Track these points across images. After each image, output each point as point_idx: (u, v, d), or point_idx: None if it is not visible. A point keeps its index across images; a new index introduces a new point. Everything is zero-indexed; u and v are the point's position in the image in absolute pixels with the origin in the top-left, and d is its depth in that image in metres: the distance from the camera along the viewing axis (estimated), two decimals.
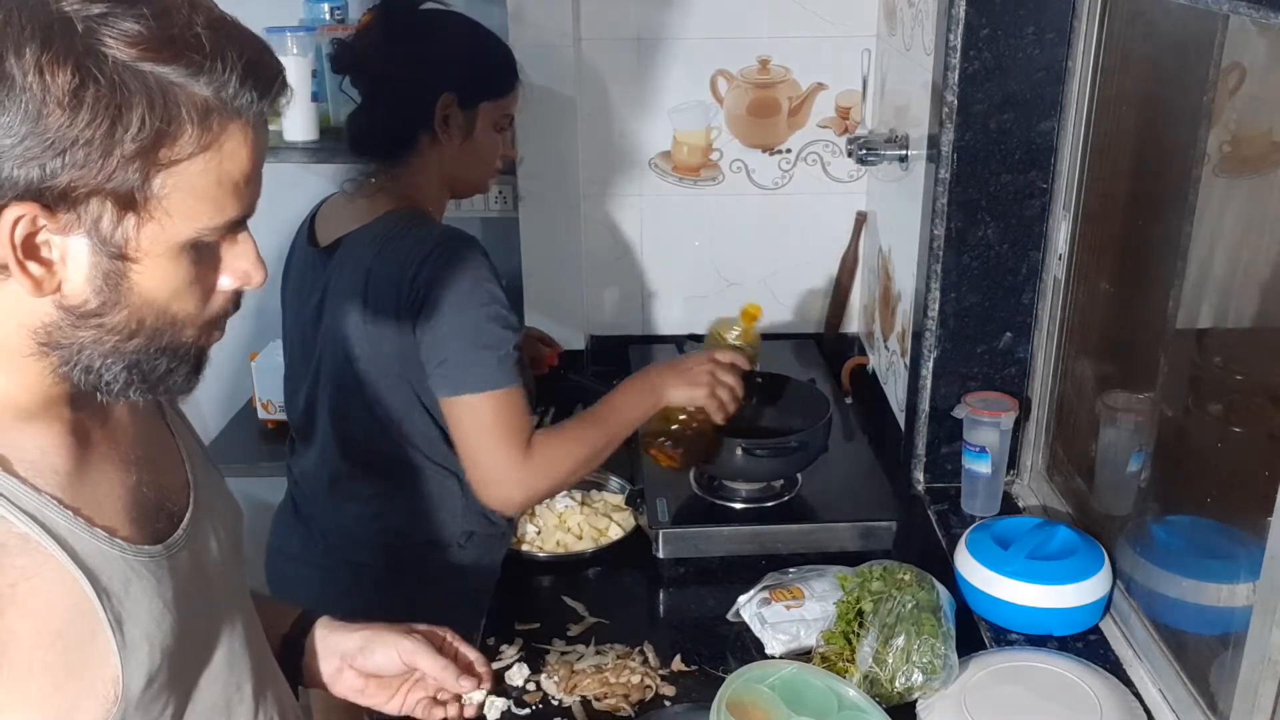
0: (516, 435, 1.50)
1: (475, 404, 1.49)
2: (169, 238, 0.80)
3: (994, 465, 1.70)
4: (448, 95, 1.56)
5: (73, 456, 0.86)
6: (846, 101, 2.24)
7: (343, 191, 1.64)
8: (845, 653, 1.38)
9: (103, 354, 0.82)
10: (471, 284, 1.48)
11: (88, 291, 0.80)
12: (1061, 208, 1.66)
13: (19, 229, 0.75)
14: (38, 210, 0.75)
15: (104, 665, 0.83)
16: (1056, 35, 1.59)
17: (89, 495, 0.86)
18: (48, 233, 0.77)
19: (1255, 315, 1.32)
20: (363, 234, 1.56)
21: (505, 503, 1.56)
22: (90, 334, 0.81)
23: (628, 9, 2.17)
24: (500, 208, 2.33)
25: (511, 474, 1.50)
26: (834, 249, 2.33)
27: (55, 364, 0.83)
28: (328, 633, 1.17)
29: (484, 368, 1.48)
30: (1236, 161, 1.30)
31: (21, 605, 0.79)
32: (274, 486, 2.58)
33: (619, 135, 2.25)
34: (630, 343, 2.36)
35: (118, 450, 0.91)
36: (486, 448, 1.50)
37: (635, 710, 1.38)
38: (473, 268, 1.49)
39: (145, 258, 0.80)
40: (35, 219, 0.76)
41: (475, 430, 1.50)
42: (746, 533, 1.70)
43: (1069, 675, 1.34)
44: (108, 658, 0.83)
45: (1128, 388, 1.57)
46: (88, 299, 0.80)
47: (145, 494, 0.91)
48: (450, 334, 1.48)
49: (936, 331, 1.75)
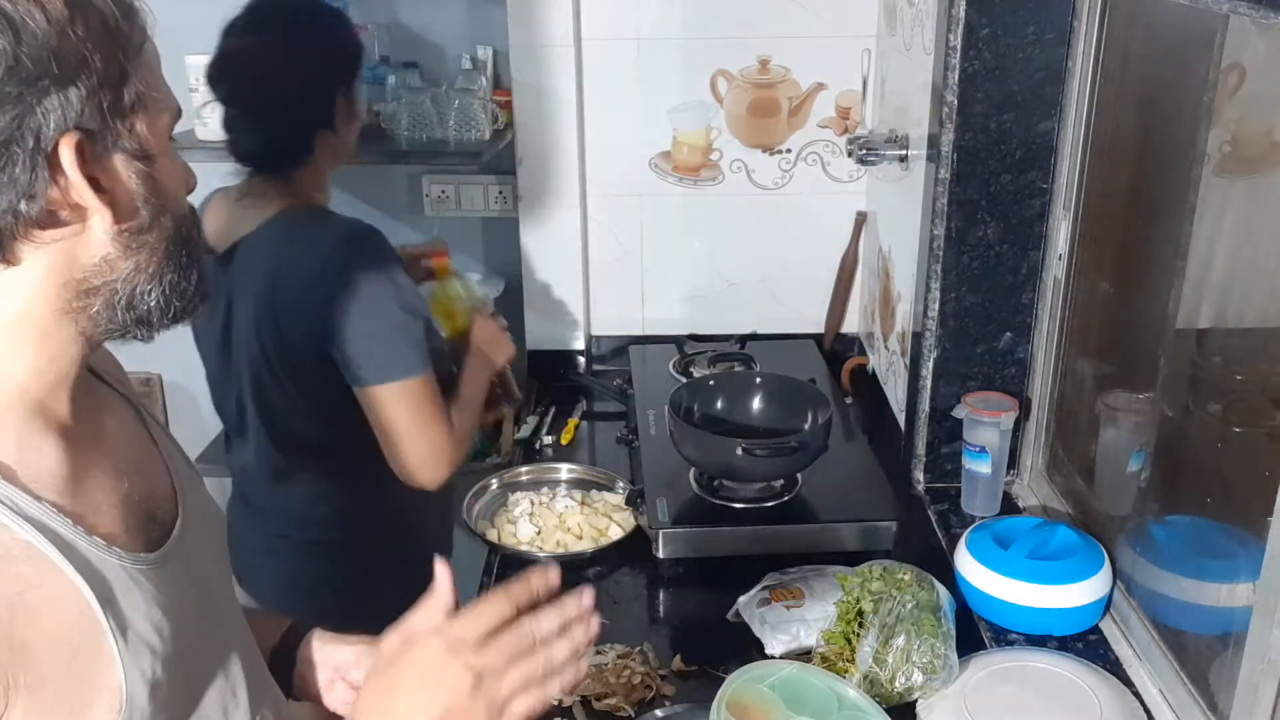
0: (442, 416, 1.56)
1: (399, 392, 1.53)
2: (162, 125, 0.83)
3: (994, 465, 1.70)
4: (342, 89, 1.58)
5: (69, 463, 0.85)
6: (846, 101, 2.24)
7: (225, 194, 1.64)
8: (845, 653, 1.38)
9: (147, 278, 0.84)
10: (380, 275, 1.51)
11: (137, 202, 0.82)
12: (1061, 208, 1.66)
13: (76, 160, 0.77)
14: (82, 136, 0.77)
15: (108, 674, 0.83)
16: (1056, 35, 1.59)
17: (87, 502, 0.85)
18: (94, 158, 0.78)
19: (1255, 315, 1.32)
20: (260, 236, 1.57)
21: (435, 481, 1.61)
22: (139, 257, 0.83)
23: (628, 9, 2.17)
24: (500, 208, 2.33)
25: (442, 454, 1.57)
26: (834, 249, 2.33)
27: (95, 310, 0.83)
28: (321, 644, 1.16)
29: (402, 357, 1.52)
30: (1236, 161, 1.30)
31: (31, 614, 0.79)
32: None
33: (619, 135, 2.25)
34: (630, 343, 2.36)
35: (109, 458, 0.91)
36: (416, 433, 1.55)
37: (635, 710, 1.38)
38: (379, 259, 1.52)
39: (159, 153, 0.83)
40: (81, 147, 0.77)
41: (402, 417, 1.54)
42: (746, 533, 1.70)
43: (1069, 675, 1.34)
44: (112, 666, 0.83)
45: (1128, 388, 1.57)
46: (138, 211, 0.82)
47: (137, 502, 0.91)
48: (364, 326, 1.51)
49: (936, 331, 1.75)
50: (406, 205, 2.37)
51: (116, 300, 0.84)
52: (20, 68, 0.73)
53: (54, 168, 0.76)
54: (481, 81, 2.19)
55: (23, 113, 0.74)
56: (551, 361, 2.35)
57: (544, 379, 2.35)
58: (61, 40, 0.74)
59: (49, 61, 0.74)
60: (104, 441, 0.91)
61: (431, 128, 2.16)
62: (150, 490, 0.94)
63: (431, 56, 2.27)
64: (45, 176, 0.76)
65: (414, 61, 2.19)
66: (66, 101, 0.75)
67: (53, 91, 0.75)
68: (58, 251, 0.80)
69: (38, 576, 0.80)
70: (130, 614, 0.84)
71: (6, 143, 0.74)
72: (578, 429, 2.14)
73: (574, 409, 2.22)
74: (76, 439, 0.87)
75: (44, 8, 0.74)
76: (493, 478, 1.90)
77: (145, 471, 0.95)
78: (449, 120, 2.16)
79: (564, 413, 2.20)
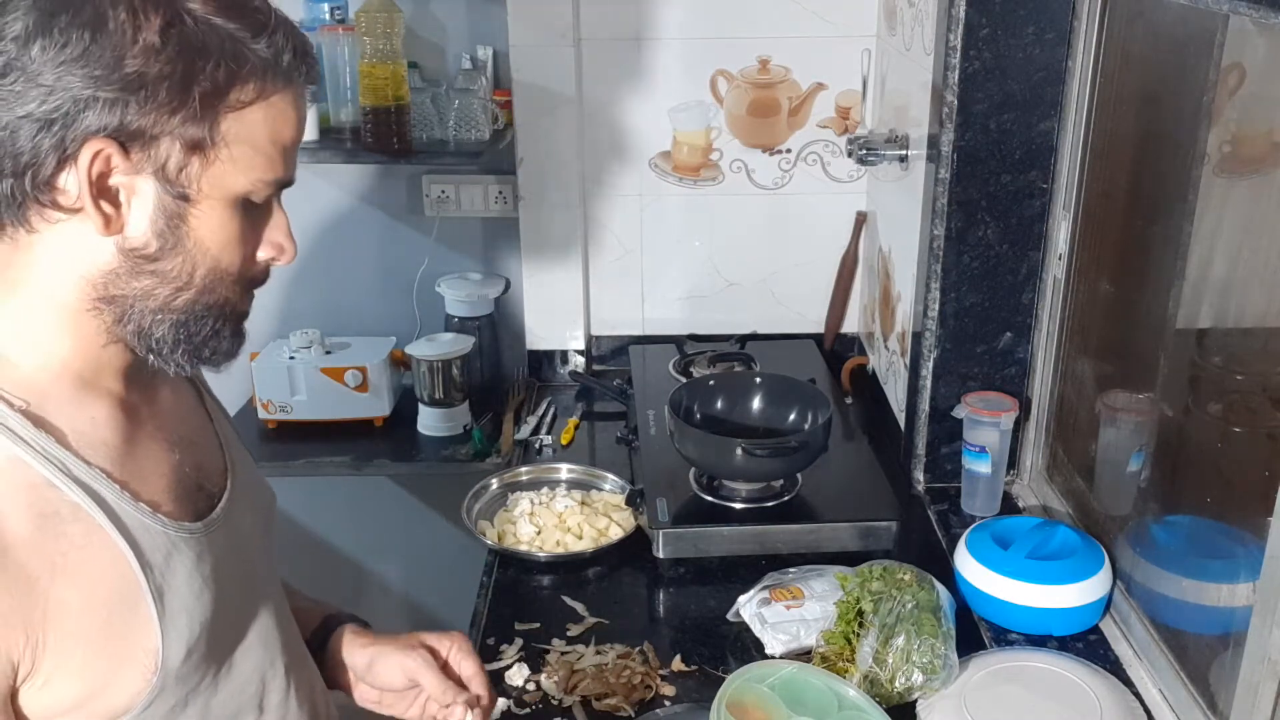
0: None
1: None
2: (227, 184, 0.85)
3: (994, 465, 1.70)
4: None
5: (121, 431, 0.89)
6: (846, 101, 2.24)
7: None
8: (845, 653, 1.38)
9: (155, 309, 0.87)
10: None
11: (150, 234, 0.84)
12: (1061, 208, 1.66)
13: (95, 166, 0.80)
14: (114, 149, 0.80)
15: (145, 636, 0.87)
16: (1056, 35, 1.59)
17: (135, 470, 0.89)
18: (120, 172, 0.81)
19: (1255, 315, 1.32)
20: None
21: None
22: (146, 283, 0.85)
23: (628, 9, 2.17)
24: (500, 208, 2.33)
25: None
26: (834, 249, 2.33)
27: (109, 321, 0.86)
28: (343, 644, 1.18)
29: None
30: (1236, 161, 1.30)
31: (72, 574, 0.82)
32: (275, 486, 2.59)
33: (619, 135, 2.25)
34: (630, 343, 2.36)
35: (162, 430, 0.95)
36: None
37: (635, 710, 1.38)
38: None
39: (205, 202, 0.85)
40: (110, 157, 0.80)
41: None
42: (746, 533, 1.70)
43: (1069, 675, 1.34)
44: (149, 629, 0.87)
45: (1128, 388, 1.57)
46: (149, 241, 0.84)
47: (186, 473, 0.95)
48: None
49: (936, 331, 1.75)
50: (406, 205, 2.37)
51: (128, 319, 0.87)
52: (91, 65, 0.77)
53: (74, 160, 0.80)
54: (481, 81, 2.18)
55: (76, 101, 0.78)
56: (552, 361, 2.35)
57: (544, 379, 2.35)
58: (140, 59, 0.78)
59: (116, 70, 0.78)
60: (159, 414, 0.96)
61: (431, 128, 2.16)
62: (201, 462, 0.99)
63: (431, 56, 2.27)
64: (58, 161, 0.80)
65: (414, 61, 2.19)
66: (115, 110, 0.79)
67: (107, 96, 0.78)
68: (71, 240, 0.83)
69: (83, 537, 0.84)
70: (170, 579, 0.88)
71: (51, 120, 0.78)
72: (578, 429, 2.14)
73: (574, 409, 2.23)
74: (130, 410, 0.91)
75: (139, 27, 0.78)
76: (493, 478, 1.90)
77: (198, 445, 1.00)
78: (449, 120, 2.15)
79: (564, 413, 2.20)
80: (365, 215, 2.39)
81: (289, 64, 0.86)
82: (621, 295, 2.37)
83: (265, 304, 2.38)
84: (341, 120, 2.19)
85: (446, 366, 2.16)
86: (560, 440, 2.09)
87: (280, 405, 2.18)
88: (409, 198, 2.37)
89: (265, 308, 2.33)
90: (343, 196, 2.37)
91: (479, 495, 1.85)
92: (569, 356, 2.36)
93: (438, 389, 2.17)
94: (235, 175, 0.85)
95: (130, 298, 0.86)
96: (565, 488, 1.88)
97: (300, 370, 2.17)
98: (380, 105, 2.05)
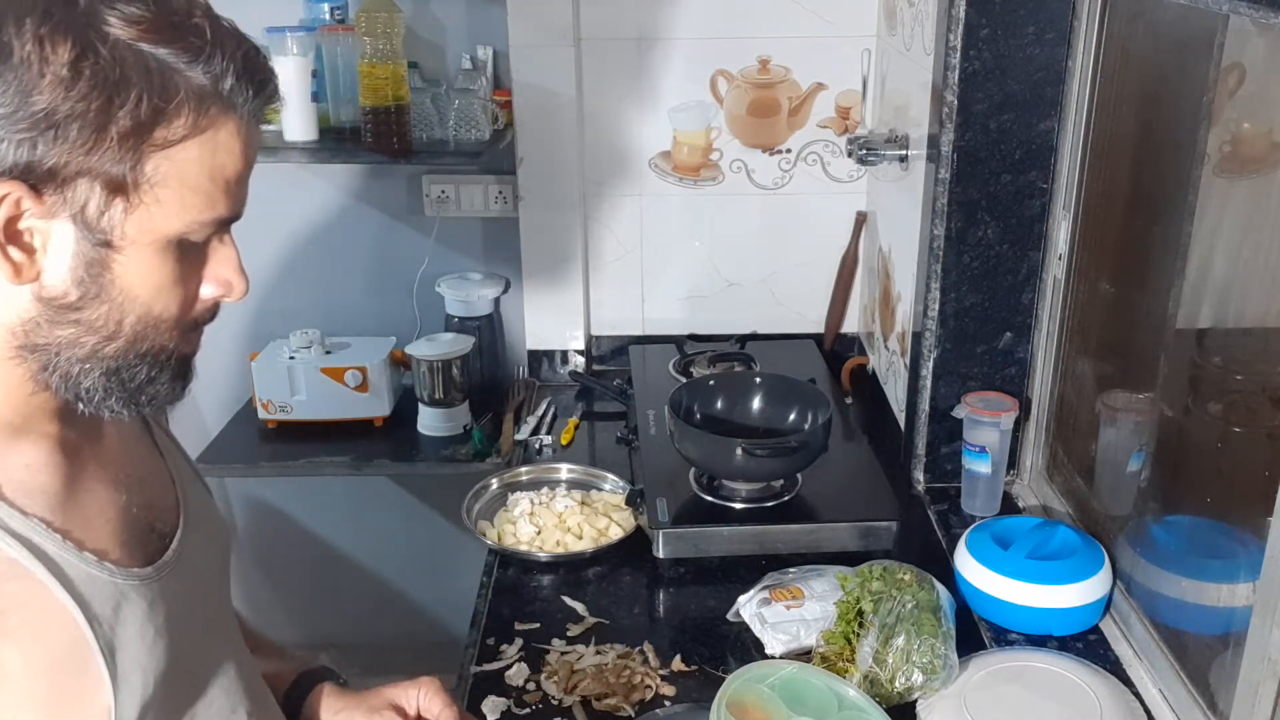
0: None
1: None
2: (157, 228, 0.77)
3: (994, 465, 1.70)
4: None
5: (61, 475, 0.83)
6: (846, 101, 2.24)
7: None
8: (845, 653, 1.38)
9: (81, 358, 0.80)
10: None
11: (69, 282, 0.77)
12: (1061, 208, 1.66)
13: (3, 209, 0.73)
14: (23, 191, 0.73)
15: (97, 695, 0.81)
16: (1056, 35, 1.59)
17: (78, 516, 0.83)
18: (31, 216, 0.74)
19: (1255, 315, 1.32)
20: None
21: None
22: (69, 332, 0.79)
23: (628, 9, 2.17)
24: (500, 208, 2.33)
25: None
26: (834, 249, 2.33)
27: (34, 369, 0.80)
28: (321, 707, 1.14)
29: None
30: (1236, 161, 1.30)
31: (13, 635, 0.77)
32: (275, 486, 2.60)
33: (619, 135, 2.25)
34: (630, 343, 2.36)
35: (107, 469, 0.88)
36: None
37: (635, 710, 1.38)
38: None
39: (130, 248, 0.77)
40: (20, 200, 0.73)
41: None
42: (746, 533, 1.70)
43: (1069, 675, 1.34)
44: (100, 688, 0.81)
45: (1128, 388, 1.57)
46: (68, 290, 0.77)
47: (135, 514, 0.89)
48: None
49: (936, 331, 1.75)
50: (406, 205, 2.37)
51: (52, 368, 0.80)
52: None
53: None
54: (481, 81, 2.18)
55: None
56: (552, 361, 2.35)
57: (544, 379, 2.35)
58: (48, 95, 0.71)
59: (22, 108, 0.71)
60: (102, 453, 0.89)
61: (431, 128, 2.16)
62: (151, 500, 0.92)
63: (431, 56, 2.27)
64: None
65: (414, 61, 2.19)
66: (22, 149, 0.72)
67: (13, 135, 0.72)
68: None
69: (23, 595, 0.78)
70: (121, 632, 0.82)
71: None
72: (577, 429, 2.14)
73: (574, 409, 2.23)
74: (71, 450, 0.85)
75: (45, 60, 0.71)
76: (493, 478, 1.90)
77: (147, 482, 0.93)
78: (449, 120, 2.16)
79: (564, 413, 2.20)
80: (365, 215, 2.39)
81: (230, 90, 0.77)
82: (621, 295, 2.37)
83: (266, 306, 2.39)
84: (341, 120, 2.19)
85: (446, 366, 2.16)
86: (560, 440, 2.09)
87: (280, 405, 2.18)
88: (409, 198, 2.37)
89: (265, 309, 2.33)
90: (343, 196, 2.37)
91: (479, 495, 1.85)
92: (569, 356, 2.36)
93: (438, 389, 2.18)
94: (166, 218, 0.77)
95: (54, 346, 0.79)
96: (565, 488, 1.88)
97: (300, 370, 2.17)
98: (380, 105, 2.05)
